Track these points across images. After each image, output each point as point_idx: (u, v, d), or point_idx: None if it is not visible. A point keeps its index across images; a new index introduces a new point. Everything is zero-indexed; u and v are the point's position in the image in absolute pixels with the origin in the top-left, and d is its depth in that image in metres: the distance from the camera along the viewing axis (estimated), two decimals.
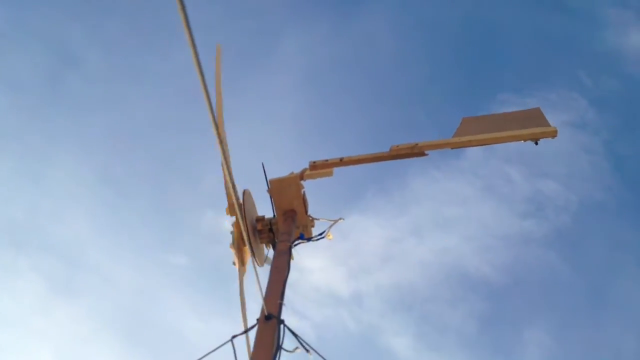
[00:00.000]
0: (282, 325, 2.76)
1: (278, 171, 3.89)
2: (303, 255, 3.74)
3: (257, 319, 2.80)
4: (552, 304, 10.93)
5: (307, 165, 4.00)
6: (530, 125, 3.76)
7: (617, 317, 10.53)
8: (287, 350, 2.69)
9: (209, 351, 2.78)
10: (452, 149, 3.80)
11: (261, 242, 3.75)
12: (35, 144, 10.19)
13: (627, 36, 11.66)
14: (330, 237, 3.72)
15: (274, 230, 3.71)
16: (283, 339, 2.72)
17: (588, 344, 10.50)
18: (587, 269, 11.19)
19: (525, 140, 3.67)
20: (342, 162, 3.97)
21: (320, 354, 2.69)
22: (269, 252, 3.81)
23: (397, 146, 3.90)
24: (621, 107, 11.54)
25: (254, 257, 3.38)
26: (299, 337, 2.72)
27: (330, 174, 3.99)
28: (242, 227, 3.12)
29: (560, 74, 11.75)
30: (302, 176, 3.89)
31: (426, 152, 3.83)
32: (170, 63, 10.59)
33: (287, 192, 3.77)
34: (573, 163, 11.06)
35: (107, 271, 10.17)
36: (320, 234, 3.74)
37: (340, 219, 3.80)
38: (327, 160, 4.00)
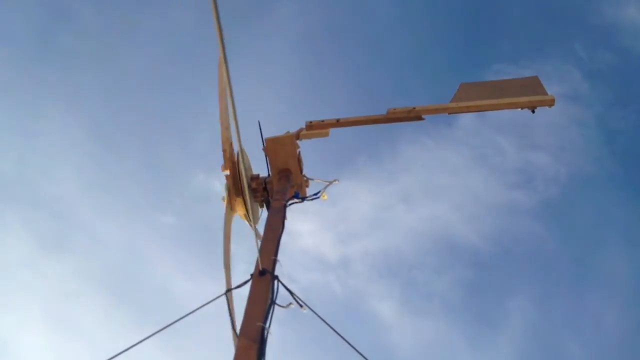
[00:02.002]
0: (275, 281, 2.79)
1: (274, 131, 3.87)
2: (293, 219, 3.74)
3: (251, 274, 2.83)
4: (536, 275, 11.19)
5: (303, 126, 3.98)
6: (528, 94, 3.75)
7: (600, 289, 10.84)
8: (280, 306, 2.72)
9: (202, 304, 2.82)
10: (449, 114, 3.79)
11: (255, 201, 3.75)
12: (25, 99, 9.96)
13: (624, 10, 11.57)
14: (325, 197, 3.73)
15: (269, 190, 3.71)
16: (277, 294, 2.75)
17: (571, 314, 10.84)
18: (573, 241, 11.42)
19: (522, 108, 3.67)
20: (338, 123, 3.95)
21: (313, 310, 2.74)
22: (263, 212, 3.82)
23: (394, 109, 3.88)
24: (615, 81, 11.55)
25: (249, 213, 3.38)
26: (293, 292, 2.76)
27: (326, 135, 3.97)
28: (240, 174, 3.06)
29: (556, 45, 11.69)
30: (298, 135, 3.87)
31: (423, 116, 3.82)
32: (164, 20, 10.31)
33: (283, 151, 3.75)
34: (565, 135, 11.10)
35: (96, 228, 10.15)
36: (315, 194, 3.75)
37: (335, 180, 3.81)
38: (323, 121, 3.97)
